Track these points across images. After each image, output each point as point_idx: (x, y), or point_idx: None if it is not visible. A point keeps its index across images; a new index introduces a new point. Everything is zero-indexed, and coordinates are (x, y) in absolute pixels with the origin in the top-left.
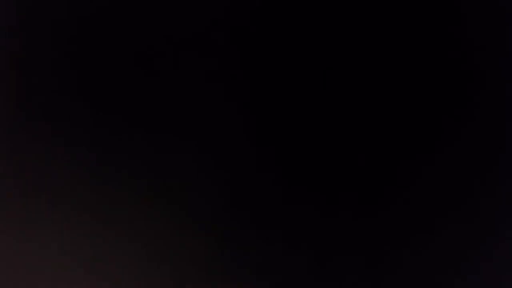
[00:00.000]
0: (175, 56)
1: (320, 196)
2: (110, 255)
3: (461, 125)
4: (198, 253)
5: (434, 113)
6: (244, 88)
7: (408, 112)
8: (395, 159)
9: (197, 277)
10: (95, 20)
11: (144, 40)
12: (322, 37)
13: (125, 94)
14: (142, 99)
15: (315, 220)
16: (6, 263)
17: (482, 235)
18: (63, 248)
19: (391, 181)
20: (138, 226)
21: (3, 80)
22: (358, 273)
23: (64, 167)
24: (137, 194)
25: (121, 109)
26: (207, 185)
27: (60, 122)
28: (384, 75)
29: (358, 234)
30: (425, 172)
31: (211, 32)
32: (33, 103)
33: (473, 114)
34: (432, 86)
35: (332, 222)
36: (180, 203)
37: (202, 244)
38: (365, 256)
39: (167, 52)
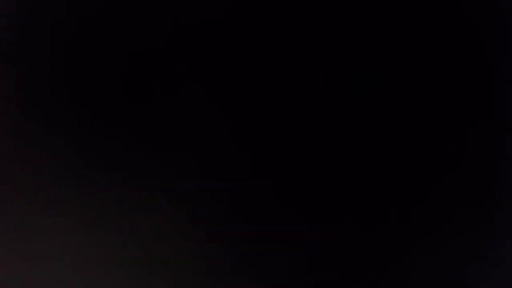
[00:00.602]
0: (175, 58)
1: (321, 200)
2: (109, 257)
3: (464, 128)
4: (198, 256)
5: (436, 118)
6: (244, 91)
7: (410, 118)
8: (397, 165)
9: (196, 280)
10: (94, 21)
11: (143, 42)
12: (326, 39)
13: (125, 95)
14: (142, 100)
15: (315, 225)
16: (6, 264)
17: (486, 242)
18: (63, 250)
19: (392, 187)
20: (137, 228)
21: (2, 80)
22: (358, 280)
23: (64, 168)
24: (137, 196)
25: (121, 109)
26: (207, 189)
27: (60, 123)
28: (383, 79)
29: (359, 241)
30: (426, 178)
31: (212, 33)
32: (33, 103)
33: (475, 117)
34: (431, 90)
35: (333, 226)
36: (180, 206)
37: (202, 247)
38: (365, 263)
39: (166, 54)
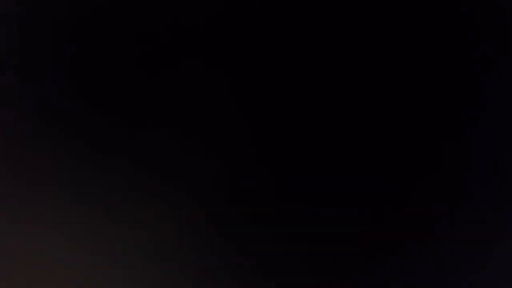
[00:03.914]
0: (176, 56)
1: (322, 195)
2: (110, 256)
3: (464, 126)
4: (198, 253)
5: (436, 115)
6: (244, 87)
7: (409, 113)
8: (396, 159)
9: (197, 277)
10: (94, 20)
11: (144, 40)
12: (331, 38)
13: (125, 93)
14: (141, 98)
15: (316, 220)
16: (6, 263)
17: (484, 237)
18: (62, 249)
19: (393, 181)
20: (138, 225)
21: (2, 80)
22: (358, 273)
23: (64, 168)
24: (138, 193)
25: (121, 108)
26: (208, 184)
27: (60, 122)
28: (383, 78)
29: (359, 234)
30: (426, 173)
31: (213, 31)
32: (34, 103)
33: (475, 115)
34: (431, 89)
35: (333, 221)
36: (180, 202)
37: (202, 243)
38: (364, 256)
39: (166, 51)
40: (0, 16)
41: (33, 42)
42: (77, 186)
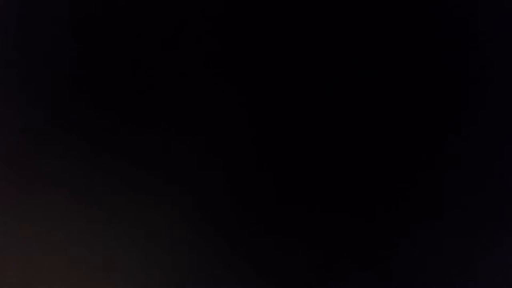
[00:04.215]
0: (176, 56)
1: (324, 195)
2: (110, 256)
3: (462, 126)
4: (198, 253)
5: (435, 114)
6: (245, 86)
7: (408, 113)
8: (396, 158)
9: (197, 277)
10: (94, 20)
11: (145, 40)
12: (331, 36)
13: (125, 93)
14: (142, 98)
15: (316, 220)
16: (6, 263)
17: (483, 237)
18: (62, 249)
19: (392, 180)
20: (138, 225)
21: (2, 79)
22: (358, 273)
23: (64, 168)
24: (138, 193)
25: (121, 108)
26: (209, 184)
27: (60, 122)
28: (383, 78)
29: (359, 234)
30: (424, 173)
31: (214, 31)
32: (34, 103)
33: (474, 115)
34: (430, 88)
35: (334, 221)
36: (181, 203)
37: (202, 243)
38: (365, 256)
39: (167, 51)
40: (0, 16)
41: (33, 42)
42: (77, 186)
